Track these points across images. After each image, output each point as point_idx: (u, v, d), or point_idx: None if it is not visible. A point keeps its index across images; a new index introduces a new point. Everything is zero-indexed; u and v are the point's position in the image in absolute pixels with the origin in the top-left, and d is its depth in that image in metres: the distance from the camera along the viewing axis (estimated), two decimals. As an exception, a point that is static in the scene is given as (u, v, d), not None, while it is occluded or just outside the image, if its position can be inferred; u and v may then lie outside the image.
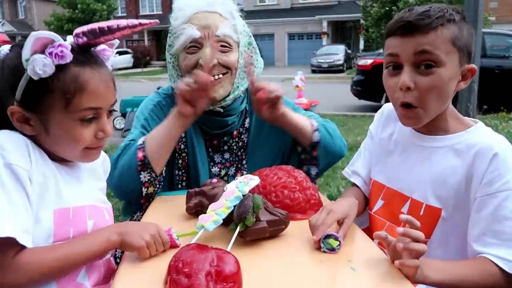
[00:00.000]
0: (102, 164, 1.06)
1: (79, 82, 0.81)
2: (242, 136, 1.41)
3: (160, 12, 32.24)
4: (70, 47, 0.80)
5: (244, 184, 0.99)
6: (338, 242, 0.87)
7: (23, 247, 0.75)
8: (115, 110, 0.91)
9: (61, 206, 0.84)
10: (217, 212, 0.93)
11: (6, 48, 0.86)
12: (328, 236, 0.88)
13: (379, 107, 1.30)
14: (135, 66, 25.96)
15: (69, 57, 0.79)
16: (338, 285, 0.77)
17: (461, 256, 0.98)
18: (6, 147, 0.78)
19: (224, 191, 1.01)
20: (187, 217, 1.07)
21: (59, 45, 0.79)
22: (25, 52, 0.78)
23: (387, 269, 0.81)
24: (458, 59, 0.96)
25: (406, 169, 1.08)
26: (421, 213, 1.01)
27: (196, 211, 1.05)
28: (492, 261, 0.89)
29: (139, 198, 1.21)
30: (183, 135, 1.34)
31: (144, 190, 1.19)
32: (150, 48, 28.97)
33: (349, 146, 5.10)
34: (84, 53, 0.84)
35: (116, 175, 1.17)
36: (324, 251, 0.87)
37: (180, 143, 1.34)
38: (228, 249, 0.82)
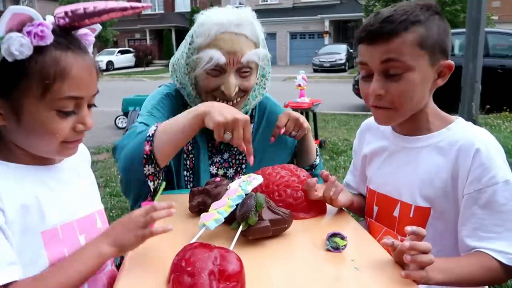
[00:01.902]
0: (81, 155, 0.96)
1: (60, 67, 0.72)
2: None
3: (162, 12, 32.26)
4: (51, 27, 0.71)
5: (247, 183, 0.99)
6: (345, 242, 0.86)
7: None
8: (95, 106, 0.84)
9: (47, 228, 0.78)
10: (219, 210, 0.93)
11: None
12: (335, 235, 0.87)
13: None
14: (137, 65, 25.98)
15: (49, 38, 0.70)
16: (341, 285, 0.77)
17: (456, 252, 0.98)
18: None
19: (227, 189, 1.01)
20: (190, 216, 1.07)
21: (40, 24, 0.70)
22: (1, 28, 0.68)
23: (391, 269, 0.81)
24: (428, 60, 0.95)
25: (392, 173, 1.08)
26: (411, 215, 1.02)
27: (199, 209, 1.05)
28: (490, 255, 0.90)
29: (143, 189, 1.14)
30: None
31: (150, 183, 1.12)
32: (152, 47, 28.95)
33: (351, 145, 5.10)
34: (66, 36, 0.75)
35: (122, 164, 1.14)
36: (328, 249, 0.87)
37: (188, 144, 1.34)
38: (231, 248, 0.81)
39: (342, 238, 0.87)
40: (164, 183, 1.07)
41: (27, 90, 0.72)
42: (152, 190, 1.14)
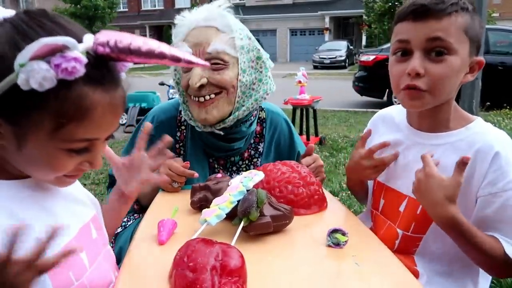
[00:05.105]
0: None
1: (82, 107, 0.60)
2: (255, 160, 1.38)
3: (162, 8, 32.20)
4: (85, 61, 0.58)
5: (248, 179, 0.99)
6: (346, 238, 0.87)
7: None
8: (113, 137, 0.76)
9: None
10: (220, 206, 0.93)
11: None
12: (336, 231, 0.88)
13: (381, 104, 1.31)
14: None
15: (80, 73, 0.57)
16: (341, 280, 0.77)
17: (457, 249, 0.98)
18: None
19: (229, 186, 1.02)
20: (191, 212, 1.08)
21: (74, 59, 0.56)
22: (23, 55, 0.55)
23: (391, 264, 0.81)
24: (469, 50, 0.94)
25: (405, 168, 1.07)
26: (418, 212, 1.01)
27: (200, 205, 1.06)
28: (501, 243, 0.90)
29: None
30: (182, 151, 1.33)
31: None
32: (152, 43, 28.84)
33: (352, 142, 5.11)
34: (100, 67, 0.62)
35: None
36: (329, 245, 0.87)
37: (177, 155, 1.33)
38: (232, 244, 0.82)
39: (343, 234, 0.87)
40: (177, 207, 1.07)
41: (37, 123, 0.60)
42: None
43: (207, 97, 1.19)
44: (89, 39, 0.61)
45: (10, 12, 0.64)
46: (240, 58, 1.21)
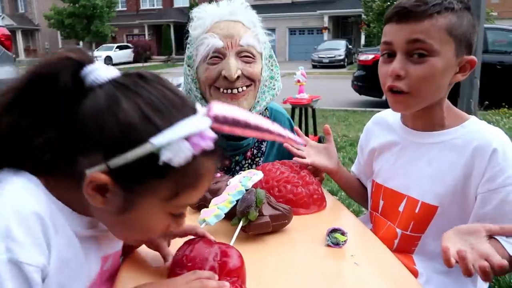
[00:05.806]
0: None
1: (197, 176, 0.62)
2: (257, 159, 1.39)
3: (161, 7, 32.14)
4: (215, 137, 0.60)
5: (247, 178, 0.99)
6: (345, 238, 0.87)
7: None
8: None
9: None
10: (219, 206, 0.93)
11: (103, 71, 0.61)
12: (335, 230, 0.88)
13: (380, 103, 1.32)
14: (135, 61, 25.88)
15: (209, 149, 0.59)
16: (341, 280, 0.77)
17: None
18: (17, 236, 0.56)
19: (227, 185, 1.01)
20: (190, 212, 1.07)
21: (209, 138, 0.59)
22: (172, 135, 0.57)
23: (390, 264, 0.82)
24: (454, 50, 0.94)
25: (402, 168, 1.08)
26: (417, 211, 1.01)
27: (199, 205, 1.05)
28: (501, 244, 0.88)
29: None
30: None
31: None
32: (151, 42, 28.86)
33: (350, 141, 5.11)
34: None
35: None
36: (328, 245, 0.87)
37: None
38: (231, 244, 0.82)
39: (343, 233, 0.87)
40: None
41: (154, 191, 0.61)
42: None
43: (240, 89, 1.21)
44: (203, 113, 0.62)
45: (113, 72, 0.62)
46: (263, 53, 1.26)
